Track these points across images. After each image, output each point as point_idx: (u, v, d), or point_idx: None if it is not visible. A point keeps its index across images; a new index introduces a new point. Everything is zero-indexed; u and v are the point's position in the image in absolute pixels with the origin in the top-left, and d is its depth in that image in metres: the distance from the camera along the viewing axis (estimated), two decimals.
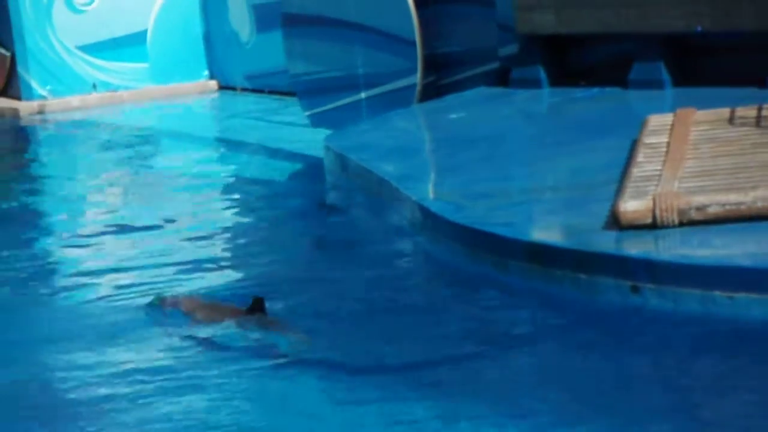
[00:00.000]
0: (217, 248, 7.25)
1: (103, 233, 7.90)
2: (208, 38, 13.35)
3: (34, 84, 13.04)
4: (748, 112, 6.89)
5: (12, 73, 13.18)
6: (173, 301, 5.66)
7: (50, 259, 7.46)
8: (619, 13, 8.74)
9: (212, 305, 5.61)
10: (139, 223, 8.01)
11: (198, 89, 13.29)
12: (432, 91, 9.84)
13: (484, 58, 9.70)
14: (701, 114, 6.99)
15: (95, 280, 6.67)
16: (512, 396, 4.62)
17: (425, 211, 6.48)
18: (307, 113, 10.59)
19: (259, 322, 5.38)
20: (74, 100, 13.01)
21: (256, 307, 5.44)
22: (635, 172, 6.10)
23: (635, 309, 5.21)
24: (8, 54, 13.16)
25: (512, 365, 4.95)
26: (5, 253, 7.40)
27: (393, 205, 7.06)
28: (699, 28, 8.44)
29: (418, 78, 9.77)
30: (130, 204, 8.84)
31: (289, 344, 5.17)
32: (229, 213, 8.49)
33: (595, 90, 8.88)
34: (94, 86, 13.14)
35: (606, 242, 5.48)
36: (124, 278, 6.60)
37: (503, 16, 9.40)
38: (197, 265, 6.77)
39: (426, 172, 7.60)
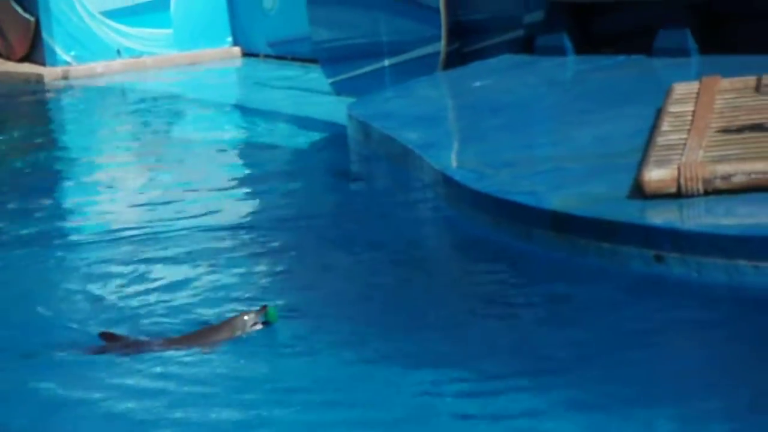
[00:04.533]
0: (235, 215, 7.25)
1: (118, 197, 7.97)
2: (231, 4, 13.33)
3: (58, 50, 13.06)
4: None
5: (36, 39, 13.21)
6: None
7: (65, 222, 7.53)
8: None
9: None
10: (158, 190, 8.03)
11: (221, 55, 13.28)
12: (456, 59, 9.79)
13: (509, 26, 9.65)
14: (727, 82, 6.93)
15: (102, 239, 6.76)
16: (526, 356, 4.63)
17: (448, 180, 6.47)
18: (330, 80, 10.57)
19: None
20: (98, 66, 13.03)
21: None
22: (660, 140, 6.06)
23: (659, 278, 5.19)
24: (32, 19, 13.18)
25: (533, 333, 4.95)
26: (27, 213, 7.51)
27: (416, 173, 7.05)
28: None
29: (442, 45, 9.72)
30: (151, 170, 8.85)
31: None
32: (249, 180, 8.49)
33: (621, 58, 8.82)
34: (119, 52, 13.15)
35: (630, 211, 5.46)
36: (132, 240, 6.69)
37: None
38: (214, 231, 6.79)
39: (449, 140, 7.58)
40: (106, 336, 5.13)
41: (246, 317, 5.09)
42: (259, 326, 5.08)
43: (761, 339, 4.62)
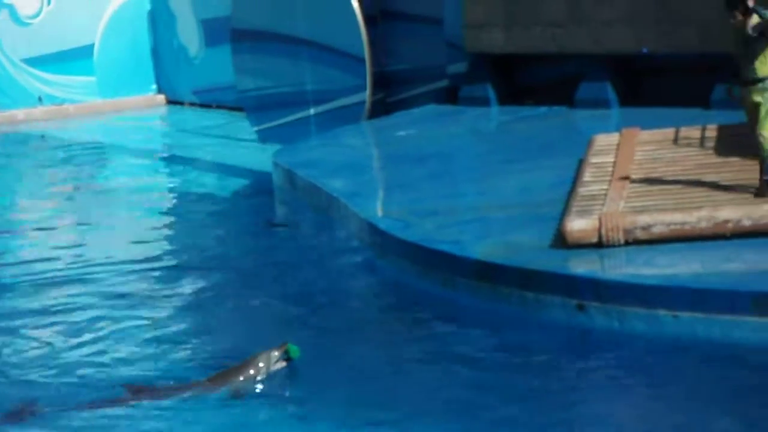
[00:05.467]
0: (160, 261, 7.18)
1: (42, 245, 7.85)
2: (156, 52, 13.28)
3: None
4: (692, 132, 6.99)
5: None
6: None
7: None
8: (566, 34, 8.83)
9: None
10: (81, 241, 7.93)
11: (145, 103, 13.21)
12: (381, 109, 9.86)
13: (433, 76, 9.75)
14: (646, 134, 7.07)
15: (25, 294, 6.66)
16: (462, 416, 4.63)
17: (373, 228, 6.49)
18: (256, 129, 10.57)
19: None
20: (19, 113, 12.87)
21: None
22: (581, 191, 6.16)
23: (581, 327, 5.24)
24: None
25: (457, 381, 4.96)
26: None
27: (341, 222, 7.06)
28: (645, 50, 8.55)
29: (367, 95, 9.79)
30: (74, 217, 8.74)
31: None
32: (174, 227, 8.43)
33: (543, 109, 8.96)
34: (40, 99, 13.01)
35: (552, 261, 5.52)
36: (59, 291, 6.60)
37: (452, 34, 9.46)
38: (139, 275, 6.75)
39: (374, 189, 7.61)
40: (131, 388, 5.04)
41: (269, 356, 5.03)
42: (282, 363, 5.05)
43: (679, 390, 4.67)
